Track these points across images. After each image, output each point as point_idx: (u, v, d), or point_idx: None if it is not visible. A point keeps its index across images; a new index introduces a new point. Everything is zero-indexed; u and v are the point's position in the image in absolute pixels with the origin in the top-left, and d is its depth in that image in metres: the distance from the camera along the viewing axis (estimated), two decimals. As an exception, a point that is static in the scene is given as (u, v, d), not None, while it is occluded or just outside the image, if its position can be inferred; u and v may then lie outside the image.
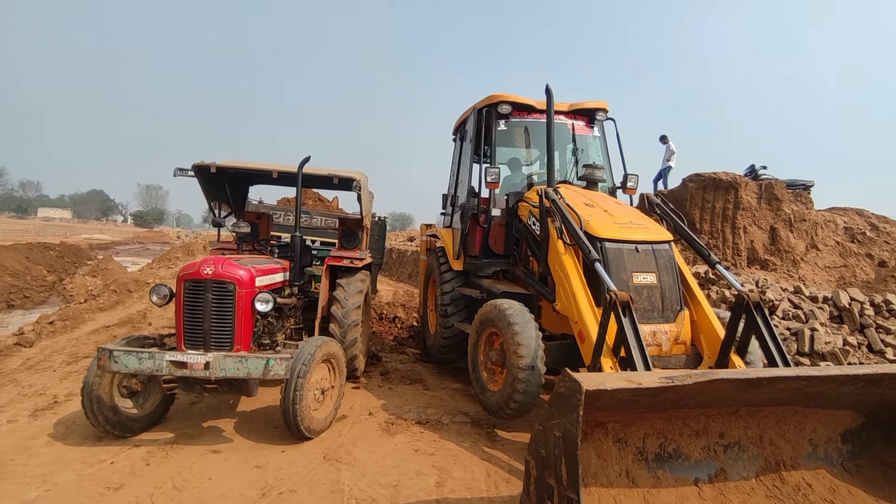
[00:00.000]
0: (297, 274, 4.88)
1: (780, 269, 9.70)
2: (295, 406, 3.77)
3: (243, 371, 3.61)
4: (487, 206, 5.54)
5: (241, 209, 6.34)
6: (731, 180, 9.82)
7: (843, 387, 2.82)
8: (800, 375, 2.62)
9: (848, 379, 2.71)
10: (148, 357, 3.58)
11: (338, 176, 5.17)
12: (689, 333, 4.06)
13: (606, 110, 5.97)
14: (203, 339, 3.84)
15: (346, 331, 5.28)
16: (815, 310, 5.45)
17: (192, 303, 3.84)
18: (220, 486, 3.24)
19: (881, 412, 3.36)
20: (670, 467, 3.08)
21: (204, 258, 4.02)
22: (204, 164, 5.05)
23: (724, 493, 3.06)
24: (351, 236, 6.07)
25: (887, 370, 2.74)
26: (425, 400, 5.21)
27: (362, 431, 4.25)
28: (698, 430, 3.13)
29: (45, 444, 3.81)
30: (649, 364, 3.19)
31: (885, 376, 2.75)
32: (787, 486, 3.15)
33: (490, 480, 3.46)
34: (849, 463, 3.35)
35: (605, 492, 2.89)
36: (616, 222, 4.26)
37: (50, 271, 18.28)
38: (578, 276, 4.05)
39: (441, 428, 4.38)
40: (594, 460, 2.96)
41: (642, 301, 4.00)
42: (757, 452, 3.23)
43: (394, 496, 3.18)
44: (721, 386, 2.53)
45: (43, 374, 5.42)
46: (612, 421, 2.93)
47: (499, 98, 5.66)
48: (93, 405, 3.74)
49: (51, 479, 3.29)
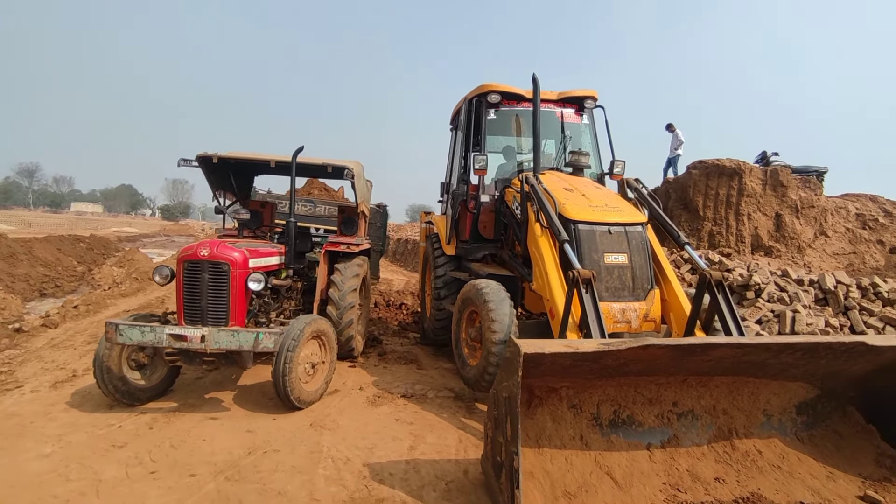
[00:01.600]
0: (292, 257, 5.18)
1: (784, 255, 9.66)
2: (285, 377, 4.07)
3: (235, 343, 3.93)
4: (476, 192, 5.75)
5: (246, 198, 6.67)
6: (735, 167, 9.80)
7: (782, 356, 2.97)
8: (731, 343, 2.79)
9: (782, 348, 2.86)
10: (150, 331, 3.93)
11: (331, 165, 5.45)
12: (658, 311, 4.22)
13: (595, 98, 6.10)
14: (200, 315, 4.17)
15: (343, 312, 5.57)
16: (801, 292, 5.52)
17: (191, 282, 4.18)
18: (212, 445, 3.56)
19: (834, 385, 3.49)
20: (624, 433, 3.28)
21: (201, 241, 4.34)
22: (207, 154, 5.38)
23: (674, 458, 3.25)
24: (349, 223, 6.37)
25: (821, 340, 2.89)
26: (416, 377, 5.48)
27: (350, 403, 4.54)
28: (651, 398, 3.32)
29: (62, 410, 4.20)
30: (604, 335, 3.38)
31: (819, 345, 2.89)
32: (737, 452, 3.32)
33: (461, 446, 3.71)
34: (803, 433, 3.49)
35: (557, 453, 3.11)
36: (591, 205, 4.44)
37: (80, 262, 19.11)
38: (552, 257, 4.25)
39: (425, 401, 4.65)
40: (549, 424, 3.18)
41: (613, 280, 4.18)
42: (710, 421, 3.40)
43: (367, 456, 3.46)
44: (656, 352, 2.72)
45: (65, 352, 5.87)
46: (564, 387, 3.14)
47: (488, 88, 5.85)
48: (103, 375, 4.11)
49: (64, 438, 3.66)
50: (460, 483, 3.18)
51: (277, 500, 2.88)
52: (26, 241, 16.56)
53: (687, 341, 2.75)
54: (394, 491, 3.04)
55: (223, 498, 2.89)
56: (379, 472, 3.26)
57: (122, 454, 3.41)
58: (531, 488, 2.88)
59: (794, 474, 3.21)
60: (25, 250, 15.87)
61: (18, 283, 13.13)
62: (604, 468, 3.10)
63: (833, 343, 2.90)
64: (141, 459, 3.33)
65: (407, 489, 3.07)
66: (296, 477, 3.14)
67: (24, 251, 15.71)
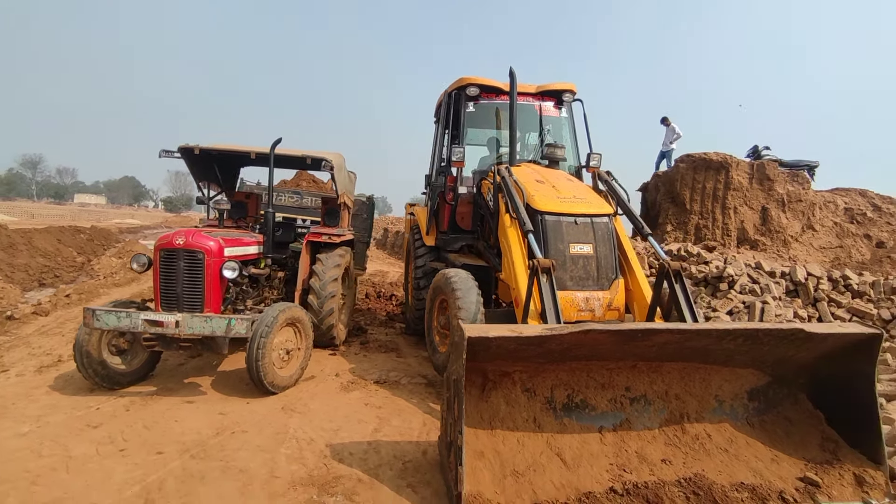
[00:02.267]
0: (271, 247, 5.29)
1: (770, 249, 9.74)
2: (258, 363, 4.20)
3: (208, 329, 4.06)
4: (455, 183, 5.84)
5: (231, 189, 6.79)
6: (722, 160, 9.86)
7: (724, 342, 3.07)
8: (671, 329, 2.90)
9: (723, 334, 2.96)
10: (126, 316, 4.06)
11: (310, 156, 5.56)
12: (622, 300, 4.33)
13: (574, 92, 6.17)
14: (176, 302, 4.31)
15: (323, 302, 5.69)
16: (772, 284, 5.61)
17: (166, 269, 4.31)
18: (183, 426, 3.70)
19: (785, 372, 3.59)
20: (577, 416, 3.39)
21: (177, 230, 4.47)
22: (189, 146, 5.49)
23: (624, 440, 3.36)
24: (332, 214, 6.49)
25: (760, 327, 2.99)
26: (393, 365, 5.61)
27: (324, 389, 4.67)
28: (604, 383, 3.43)
29: (44, 393, 4.35)
30: (559, 321, 3.49)
31: (758, 332, 2.99)
32: (686, 436, 3.42)
33: (424, 429, 3.83)
34: (754, 418, 3.60)
35: (510, 434, 3.22)
36: (559, 197, 4.53)
37: (80, 253, 19.28)
38: (519, 247, 4.35)
39: (397, 387, 4.77)
40: (503, 406, 3.29)
41: (578, 270, 4.28)
42: (663, 406, 3.51)
43: (331, 437, 3.59)
44: (597, 337, 2.83)
45: (53, 339, 6.02)
46: (517, 371, 3.25)
47: (467, 81, 5.93)
48: (83, 359, 4.25)
49: (43, 419, 3.80)
50: (418, 462, 3.31)
51: (238, 477, 3.01)
52: (26, 231, 16.73)
53: (627, 326, 2.85)
54: (351, 469, 3.16)
55: (187, 474, 3.02)
56: (340, 451, 3.39)
57: (95, 434, 3.55)
58: (481, 467, 3.00)
59: (740, 457, 3.32)
60: (25, 241, 16.07)
61: (18, 273, 13.31)
62: (554, 449, 3.21)
63: (772, 330, 3.00)
64: (113, 438, 3.47)
65: (364, 468, 3.19)
66: (259, 455, 3.28)
67: (23, 242, 15.91)
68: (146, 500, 2.75)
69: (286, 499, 2.81)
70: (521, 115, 5.97)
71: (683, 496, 2.97)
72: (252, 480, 2.98)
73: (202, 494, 2.82)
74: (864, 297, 5.40)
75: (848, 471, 3.18)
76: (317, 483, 2.98)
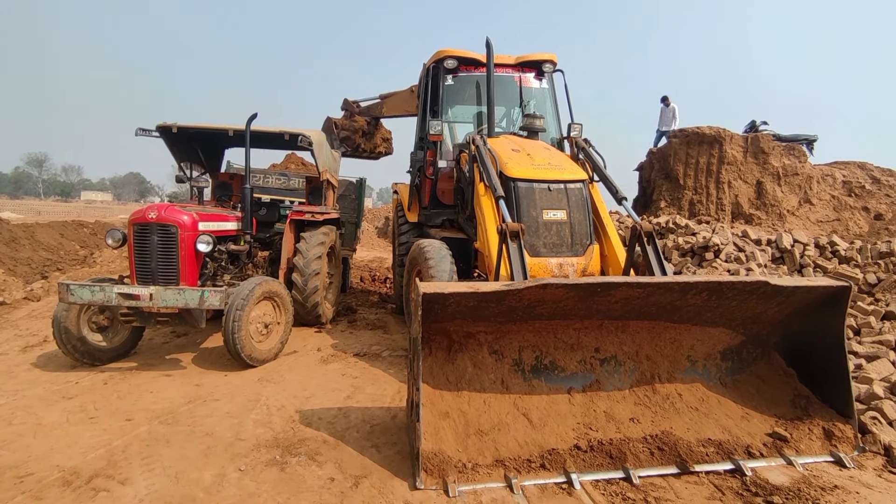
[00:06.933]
0: (249, 223, 5.29)
1: (765, 223, 9.62)
2: (234, 335, 4.21)
3: (181, 301, 4.07)
4: (434, 158, 5.80)
5: (215, 170, 6.79)
6: (716, 134, 9.73)
7: (689, 297, 3.04)
8: (631, 282, 2.86)
9: (685, 287, 2.92)
10: (99, 290, 4.07)
11: (287, 132, 5.53)
12: (597, 265, 4.29)
13: (555, 62, 6.09)
14: (151, 276, 4.32)
15: (307, 279, 5.68)
16: (757, 252, 5.53)
17: (140, 244, 4.32)
18: (156, 397, 3.72)
19: (758, 331, 3.56)
20: (546, 377, 3.37)
21: (150, 204, 4.46)
22: (167, 124, 5.48)
23: (593, 401, 3.34)
24: (316, 193, 6.48)
25: (724, 279, 2.94)
26: (378, 340, 5.61)
27: (303, 362, 4.68)
28: (572, 344, 3.40)
29: (25, 370, 4.38)
30: (526, 283, 3.46)
31: (722, 284, 2.95)
32: (657, 396, 3.40)
33: (397, 396, 3.83)
34: (727, 378, 3.56)
35: (477, 395, 3.21)
36: (533, 164, 4.48)
37: (82, 246, 19.41)
38: (492, 213, 4.31)
39: (376, 359, 4.78)
40: (470, 368, 3.27)
41: (551, 236, 4.24)
42: (634, 367, 3.48)
43: (302, 404, 3.60)
44: (556, 292, 2.80)
45: (40, 321, 6.07)
46: (481, 332, 3.23)
47: (445, 53, 5.86)
48: (61, 335, 4.28)
49: (21, 392, 3.83)
50: (385, 426, 3.31)
51: (203, 440, 3.03)
52: (28, 226, 16.83)
53: (585, 280, 2.81)
54: (318, 432, 3.17)
55: (152, 438, 3.04)
56: (309, 416, 3.40)
57: (69, 404, 3.57)
58: (445, 427, 2.99)
59: (710, 415, 3.30)
60: (28, 235, 16.19)
61: (21, 266, 13.38)
62: (521, 410, 3.20)
63: (736, 283, 2.96)
64: (85, 408, 3.49)
65: (331, 431, 3.20)
66: (227, 421, 3.29)
67: (26, 236, 16.03)
68: (109, 461, 2.77)
69: (249, 459, 2.82)
70: (501, 88, 5.90)
71: (647, 451, 2.96)
72: (217, 443, 2.99)
73: (165, 455, 2.83)
74: (851, 263, 5.32)
75: (817, 425, 3.15)
76: (282, 445, 2.99)
